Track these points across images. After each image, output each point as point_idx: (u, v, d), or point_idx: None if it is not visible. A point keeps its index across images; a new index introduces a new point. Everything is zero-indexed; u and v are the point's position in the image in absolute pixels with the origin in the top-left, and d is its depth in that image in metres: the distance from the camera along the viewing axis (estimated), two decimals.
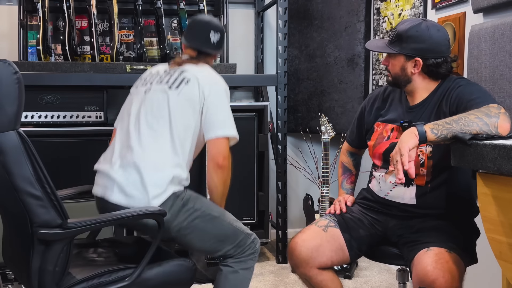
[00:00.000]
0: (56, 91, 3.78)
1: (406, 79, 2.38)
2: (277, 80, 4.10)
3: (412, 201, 2.38)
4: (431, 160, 2.32)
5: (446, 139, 1.99)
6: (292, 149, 4.84)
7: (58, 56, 4.18)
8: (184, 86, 2.50)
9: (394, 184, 2.42)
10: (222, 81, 2.58)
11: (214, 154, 2.46)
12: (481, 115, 2.01)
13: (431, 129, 2.01)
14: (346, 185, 2.77)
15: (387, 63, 2.42)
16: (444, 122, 2.01)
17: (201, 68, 2.61)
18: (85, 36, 4.36)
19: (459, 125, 1.98)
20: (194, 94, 2.47)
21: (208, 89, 2.48)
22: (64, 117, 3.79)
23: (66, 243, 2.02)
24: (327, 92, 4.57)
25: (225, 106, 2.52)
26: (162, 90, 2.51)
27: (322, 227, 2.49)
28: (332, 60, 4.51)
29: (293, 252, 2.43)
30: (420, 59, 2.32)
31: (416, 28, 2.31)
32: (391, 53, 2.37)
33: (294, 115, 4.77)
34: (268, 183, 4.22)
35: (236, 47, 4.72)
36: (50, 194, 1.98)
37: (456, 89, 2.28)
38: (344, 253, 2.45)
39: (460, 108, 2.19)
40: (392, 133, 2.47)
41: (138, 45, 4.18)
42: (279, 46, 4.09)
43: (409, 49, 2.32)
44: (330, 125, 3.90)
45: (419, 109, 2.39)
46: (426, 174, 2.34)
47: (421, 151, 2.34)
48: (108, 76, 3.81)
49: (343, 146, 2.82)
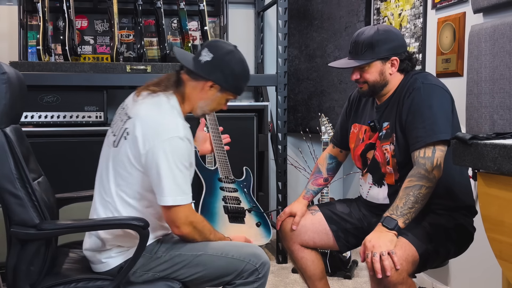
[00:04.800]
0: (56, 91, 3.78)
1: (384, 83, 2.40)
2: (277, 80, 4.11)
3: (386, 201, 2.46)
4: (395, 159, 2.38)
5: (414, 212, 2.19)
6: (292, 149, 4.84)
7: (58, 56, 4.18)
8: (124, 143, 2.13)
9: (370, 186, 2.53)
10: (174, 126, 2.09)
11: (169, 222, 2.15)
12: (420, 187, 2.18)
13: (404, 223, 2.17)
14: (310, 186, 2.77)
15: (358, 76, 2.40)
16: (406, 208, 2.17)
17: (153, 104, 2.16)
18: (85, 36, 4.36)
19: (418, 204, 2.17)
20: (131, 154, 2.11)
21: (148, 145, 2.07)
22: (64, 117, 3.80)
23: (42, 244, 2.04)
24: (327, 92, 4.57)
25: (169, 167, 2.05)
26: (107, 150, 2.23)
27: (312, 211, 2.66)
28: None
29: (281, 224, 2.66)
30: (396, 57, 2.36)
31: (379, 32, 2.35)
32: (366, 63, 2.35)
33: (294, 115, 4.77)
34: (268, 183, 4.22)
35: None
36: (31, 194, 2.01)
37: (410, 96, 2.32)
38: (329, 239, 2.60)
39: (407, 130, 2.30)
40: (365, 134, 2.52)
41: (138, 45, 4.18)
42: (279, 46, 4.09)
43: (383, 52, 2.35)
44: (330, 125, 3.90)
45: (384, 108, 2.45)
46: (394, 173, 2.40)
47: (385, 149, 2.41)
48: (108, 76, 3.82)
49: (327, 148, 2.85)
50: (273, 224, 4.29)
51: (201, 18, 4.39)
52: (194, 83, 2.20)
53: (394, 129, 2.37)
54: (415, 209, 2.17)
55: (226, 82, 2.20)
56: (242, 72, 2.24)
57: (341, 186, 4.99)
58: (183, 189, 2.09)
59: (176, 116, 2.14)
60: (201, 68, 2.17)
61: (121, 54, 4.31)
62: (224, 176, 3.25)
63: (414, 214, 2.18)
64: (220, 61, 2.17)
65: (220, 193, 3.22)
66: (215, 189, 3.25)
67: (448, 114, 2.29)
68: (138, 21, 4.22)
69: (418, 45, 3.60)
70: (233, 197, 3.15)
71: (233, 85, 2.23)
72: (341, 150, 2.77)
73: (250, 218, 3.06)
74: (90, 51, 4.40)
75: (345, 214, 2.64)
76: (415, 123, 2.27)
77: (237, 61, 2.21)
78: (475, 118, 2.92)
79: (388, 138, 2.40)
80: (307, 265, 2.64)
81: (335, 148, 2.79)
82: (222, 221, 3.02)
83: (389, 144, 2.38)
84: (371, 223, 2.53)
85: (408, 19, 3.74)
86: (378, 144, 2.45)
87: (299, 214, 2.64)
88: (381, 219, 2.20)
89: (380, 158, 2.43)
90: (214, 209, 3.05)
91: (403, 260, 2.12)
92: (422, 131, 2.24)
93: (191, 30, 4.52)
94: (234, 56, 2.21)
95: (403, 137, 2.34)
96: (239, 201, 3.14)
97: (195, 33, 4.59)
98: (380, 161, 2.44)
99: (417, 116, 2.27)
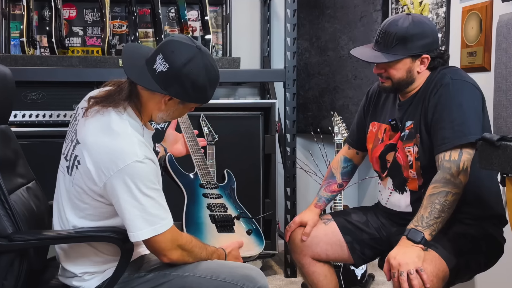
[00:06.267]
0: (42, 87, 3.77)
1: (410, 81, 2.40)
2: (285, 76, 4.11)
3: (408, 209, 2.45)
4: (418, 162, 2.37)
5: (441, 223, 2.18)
6: (302, 152, 4.84)
7: (43, 48, 4.19)
8: (77, 172, 2.06)
9: (390, 192, 2.53)
10: (129, 149, 1.98)
11: (154, 253, 2.10)
12: (446, 194, 2.16)
13: (430, 235, 2.15)
14: (323, 193, 2.77)
15: (382, 70, 2.40)
16: (432, 218, 2.15)
17: (101, 126, 2.04)
18: (73, 27, 4.37)
19: (445, 213, 2.16)
20: (86, 187, 2.03)
21: (104, 178, 1.98)
22: (50, 116, 3.79)
23: (16, 256, 2.02)
24: (341, 88, 4.57)
25: (133, 197, 1.96)
26: (62, 176, 2.17)
27: (324, 220, 2.66)
28: (346, 53, 4.51)
29: (290, 234, 2.66)
30: (428, 55, 2.35)
31: (414, 24, 2.32)
32: (397, 59, 2.34)
33: (304, 114, 4.78)
34: (275, 189, 4.21)
35: (240, 39, 4.72)
36: (3, 202, 2.00)
37: (438, 92, 2.31)
38: (343, 251, 2.60)
39: (433, 130, 2.29)
40: (386, 134, 2.52)
41: (132, 37, 4.18)
42: (288, 38, 4.09)
43: (416, 48, 2.33)
44: (344, 125, 3.88)
45: (407, 105, 2.44)
46: (417, 177, 2.39)
47: (408, 151, 2.40)
48: (99, 71, 3.81)
49: (342, 149, 2.84)
50: (282, 235, 4.29)
51: (202, 7, 4.40)
52: (150, 94, 2.08)
53: (419, 129, 2.36)
54: (442, 218, 2.16)
55: (186, 95, 2.07)
56: (206, 81, 2.06)
57: (355, 192, 4.99)
58: (157, 216, 2.01)
59: (130, 136, 2.02)
60: (156, 80, 2.03)
61: (113, 47, 4.32)
62: (205, 182, 3.23)
63: (441, 225, 2.17)
64: (177, 73, 2.01)
65: (204, 201, 3.19)
66: (198, 196, 3.22)
67: (479, 113, 2.28)
68: (132, 10, 4.23)
69: (440, 37, 3.59)
70: (218, 204, 3.13)
71: (197, 97, 2.10)
72: (357, 152, 2.77)
73: (240, 226, 3.04)
74: (79, 43, 4.41)
75: (361, 223, 2.63)
76: (442, 122, 2.26)
77: (199, 70, 2.04)
78: (503, 117, 2.92)
79: (411, 139, 2.39)
80: (319, 280, 2.63)
81: (350, 149, 2.78)
82: (211, 232, 3.00)
83: (413, 145, 2.38)
84: (390, 233, 2.55)
85: (430, 8, 3.73)
86: (399, 145, 2.44)
87: (311, 223, 2.63)
88: (405, 231, 2.19)
89: (402, 161, 2.43)
90: (199, 219, 3.03)
91: (434, 276, 2.11)
92: (450, 131, 2.23)
93: (190, 20, 4.52)
94: (195, 65, 2.03)
95: (428, 138, 2.33)
96: (225, 208, 3.12)
97: (195, 24, 4.60)
98: (402, 164, 2.43)
99: (444, 115, 2.26)
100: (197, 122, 3.69)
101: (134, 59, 2.11)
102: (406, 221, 2.33)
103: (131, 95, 2.08)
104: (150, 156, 2.04)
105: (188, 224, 3.03)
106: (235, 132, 4.03)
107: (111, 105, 2.06)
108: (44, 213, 2.37)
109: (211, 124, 3.72)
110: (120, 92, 2.08)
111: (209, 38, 4.32)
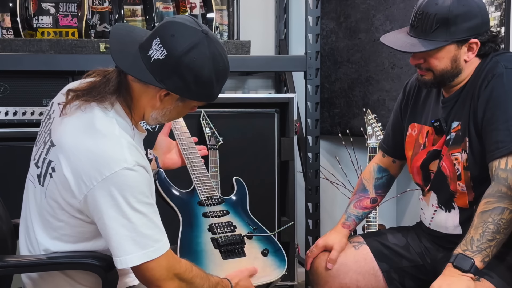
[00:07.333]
0: (4, 78, 3.78)
1: (455, 72, 2.40)
2: (307, 64, 4.10)
3: (458, 230, 2.48)
4: (468, 172, 2.38)
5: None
6: (327, 158, 4.88)
7: (6, 30, 4.19)
8: (50, 182, 2.05)
9: (434, 209, 2.56)
10: (117, 154, 1.98)
11: (146, 284, 2.09)
12: (502, 211, 2.18)
13: (482, 261, 2.16)
14: (352, 209, 2.79)
15: (421, 61, 2.40)
16: (485, 241, 2.16)
17: (83, 125, 2.04)
18: (43, 3, 4.35)
19: (501, 234, 2.17)
20: (62, 200, 2.03)
21: (85, 189, 1.97)
22: (14, 114, 3.80)
23: None
24: (375, 79, 4.55)
25: (121, 213, 1.96)
26: (31, 186, 2.18)
27: (355, 243, 2.69)
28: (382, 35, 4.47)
29: (312, 261, 2.69)
30: (477, 39, 2.34)
31: (458, 2, 2.30)
32: (439, 47, 2.33)
33: (329, 111, 4.79)
34: (294, 205, 4.21)
35: (251, 18, 4.74)
36: None
37: (489, 85, 2.30)
38: (378, 282, 2.63)
39: (484, 132, 2.30)
40: (428, 138, 2.55)
41: (116, 15, 4.18)
42: (309, 17, 4.09)
43: (461, 32, 2.32)
44: (379, 125, 3.88)
45: (453, 102, 2.45)
46: (467, 191, 2.41)
47: (456, 158, 2.42)
48: (75, 58, 3.82)
49: (375, 157, 2.90)
50: (302, 261, 4.25)
51: None
52: (143, 87, 2.07)
53: (467, 131, 2.37)
54: (497, 241, 2.15)
55: (187, 90, 2.04)
56: (213, 73, 2.04)
57: (393, 209, 5.00)
58: (150, 237, 1.99)
59: (117, 138, 2.01)
60: (150, 69, 2.01)
61: (93, 28, 4.32)
62: (205, 198, 3.19)
63: (495, 249, 2.16)
64: (177, 63, 1.99)
65: (204, 222, 3.17)
66: (196, 217, 3.20)
67: None
68: None
69: (499, 15, 3.54)
70: (223, 224, 3.10)
71: (200, 94, 2.08)
72: (394, 160, 2.80)
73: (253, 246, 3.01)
74: (50, 23, 4.41)
75: (400, 248, 2.66)
76: (495, 122, 2.26)
77: (204, 60, 2.01)
78: None
79: (459, 144, 2.40)
80: None
81: (385, 157, 2.82)
82: (214, 260, 2.97)
83: (461, 151, 2.39)
84: (436, 260, 2.57)
85: None
86: (445, 152, 2.46)
87: (337, 248, 2.64)
88: (451, 258, 2.18)
89: (449, 171, 2.45)
90: (198, 246, 3.00)
91: None
92: (505, 133, 2.23)
93: None
94: (200, 53, 2.00)
95: (480, 141, 2.34)
96: (233, 227, 3.09)
97: None
98: (448, 175, 2.45)
99: (498, 113, 2.26)
100: (197, 121, 3.70)
101: (126, 44, 2.09)
102: (455, 245, 2.32)
103: (119, 88, 2.06)
104: (142, 163, 2.02)
105: (184, 253, 2.99)
106: (244, 134, 4.06)
107: (95, 99, 2.04)
108: (6, 234, 2.38)
109: (215, 124, 3.72)
110: (107, 84, 2.06)
111: (212, 17, 4.31)
